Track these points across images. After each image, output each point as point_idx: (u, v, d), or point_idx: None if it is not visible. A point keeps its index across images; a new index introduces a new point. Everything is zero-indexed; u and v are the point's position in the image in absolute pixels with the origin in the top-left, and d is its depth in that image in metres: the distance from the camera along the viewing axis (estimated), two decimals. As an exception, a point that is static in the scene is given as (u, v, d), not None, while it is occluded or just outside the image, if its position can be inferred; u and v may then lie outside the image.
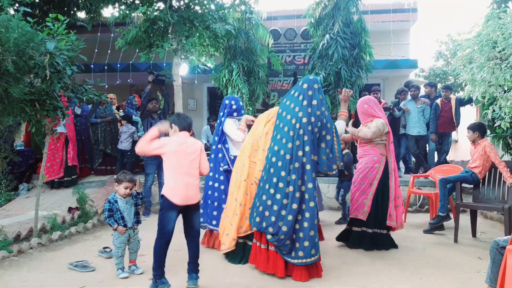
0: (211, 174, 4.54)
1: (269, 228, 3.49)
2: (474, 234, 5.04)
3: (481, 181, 5.07)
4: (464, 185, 5.32)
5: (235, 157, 4.46)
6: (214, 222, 4.45)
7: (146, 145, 3.30)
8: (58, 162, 7.39)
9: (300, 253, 3.44)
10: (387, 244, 4.48)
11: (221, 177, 4.51)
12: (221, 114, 4.66)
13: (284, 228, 3.42)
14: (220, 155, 4.56)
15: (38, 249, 4.55)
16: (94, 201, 6.17)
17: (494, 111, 4.46)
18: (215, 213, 4.46)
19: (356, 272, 3.73)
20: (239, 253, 3.96)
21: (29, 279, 3.63)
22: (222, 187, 4.49)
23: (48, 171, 7.21)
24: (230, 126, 4.52)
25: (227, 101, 4.68)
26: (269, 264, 3.58)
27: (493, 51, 4.13)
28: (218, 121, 4.72)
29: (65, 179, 7.51)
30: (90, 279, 3.63)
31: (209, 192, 4.55)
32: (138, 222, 3.84)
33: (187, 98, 10.72)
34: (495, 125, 5.09)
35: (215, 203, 4.49)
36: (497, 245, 2.87)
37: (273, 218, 3.49)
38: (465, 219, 5.34)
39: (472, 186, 5.24)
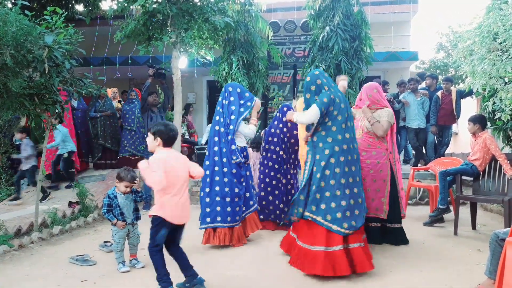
0: (225, 169, 4.35)
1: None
2: (474, 226, 5.05)
3: (481, 173, 5.07)
4: (464, 177, 5.32)
5: (241, 147, 4.44)
6: (218, 218, 4.29)
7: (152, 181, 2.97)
8: (54, 156, 7.37)
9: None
10: (405, 238, 4.40)
11: (234, 170, 4.35)
12: (232, 105, 4.43)
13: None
14: (233, 147, 4.37)
15: (39, 244, 4.57)
16: (94, 195, 6.18)
17: (494, 103, 4.44)
18: (218, 208, 4.30)
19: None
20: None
21: (30, 274, 3.64)
22: (235, 180, 4.35)
23: (45, 165, 7.20)
24: (244, 125, 4.47)
25: (230, 88, 4.50)
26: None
27: (494, 43, 4.10)
28: (222, 109, 4.48)
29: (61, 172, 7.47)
30: (91, 273, 3.64)
31: (217, 188, 4.34)
32: (137, 218, 3.84)
33: (186, 91, 10.68)
34: (495, 117, 5.07)
35: (227, 199, 4.30)
36: (497, 237, 2.88)
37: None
38: (465, 211, 5.35)
39: (472, 178, 5.24)
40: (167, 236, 3.08)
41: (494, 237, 2.91)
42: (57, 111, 4.80)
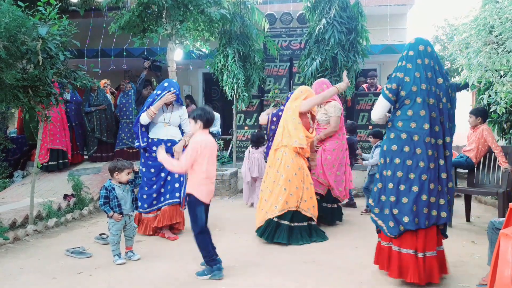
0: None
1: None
2: (468, 218, 5.09)
3: (475, 166, 5.10)
4: (458, 170, 5.35)
5: (158, 140, 4.50)
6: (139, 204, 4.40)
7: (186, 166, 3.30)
8: (46, 146, 7.34)
9: None
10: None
11: (142, 160, 4.65)
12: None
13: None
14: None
15: (34, 236, 4.56)
16: (90, 188, 6.16)
17: (490, 96, 4.46)
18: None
19: (352, 256, 3.77)
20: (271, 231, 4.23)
21: (25, 266, 3.64)
22: (143, 169, 4.60)
23: (40, 156, 7.16)
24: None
25: (166, 84, 4.66)
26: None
27: (490, 36, 4.10)
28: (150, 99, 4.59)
29: (50, 163, 7.44)
30: (87, 265, 3.64)
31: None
32: (137, 207, 3.87)
33: (182, 84, 10.61)
34: (490, 110, 5.09)
35: (145, 188, 4.56)
36: (493, 225, 2.97)
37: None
38: (459, 204, 5.38)
39: (466, 171, 5.27)
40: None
41: (491, 226, 3.00)
42: (51, 103, 4.77)
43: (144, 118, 4.46)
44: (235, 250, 4.02)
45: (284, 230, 4.17)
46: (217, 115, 8.87)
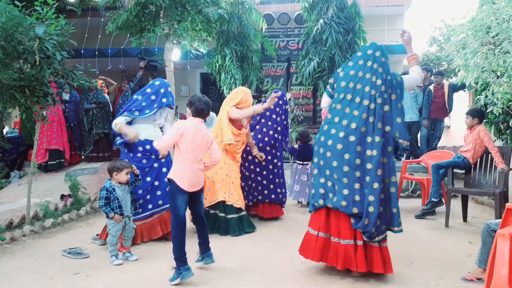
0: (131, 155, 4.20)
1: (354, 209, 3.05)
2: (465, 218, 5.11)
3: (472, 166, 5.11)
4: (455, 170, 5.37)
5: (145, 139, 4.15)
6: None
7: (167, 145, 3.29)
8: (43, 147, 7.33)
9: None
10: None
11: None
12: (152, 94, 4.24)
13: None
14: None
15: (31, 237, 4.54)
16: (87, 188, 6.14)
17: (486, 96, 4.47)
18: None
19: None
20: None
21: (22, 266, 3.62)
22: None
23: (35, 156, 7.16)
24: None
25: (157, 83, 4.33)
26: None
27: (487, 37, 4.12)
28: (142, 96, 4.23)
29: (49, 163, 7.46)
30: (84, 266, 3.63)
31: None
32: (135, 208, 3.87)
33: (179, 84, 10.62)
34: (487, 111, 5.11)
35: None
36: (489, 227, 2.96)
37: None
38: (456, 204, 5.40)
39: (463, 171, 5.29)
40: (188, 205, 3.30)
41: (486, 228, 2.98)
42: (48, 103, 4.76)
43: (120, 123, 4.01)
44: (231, 251, 4.02)
45: (222, 222, 4.50)
46: (213, 115, 8.86)
